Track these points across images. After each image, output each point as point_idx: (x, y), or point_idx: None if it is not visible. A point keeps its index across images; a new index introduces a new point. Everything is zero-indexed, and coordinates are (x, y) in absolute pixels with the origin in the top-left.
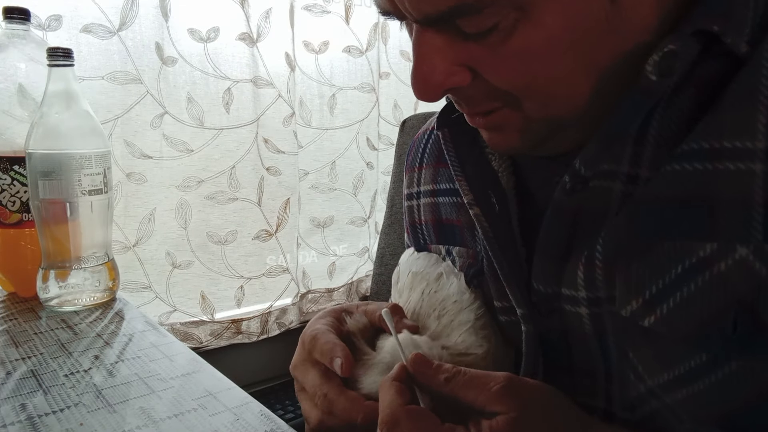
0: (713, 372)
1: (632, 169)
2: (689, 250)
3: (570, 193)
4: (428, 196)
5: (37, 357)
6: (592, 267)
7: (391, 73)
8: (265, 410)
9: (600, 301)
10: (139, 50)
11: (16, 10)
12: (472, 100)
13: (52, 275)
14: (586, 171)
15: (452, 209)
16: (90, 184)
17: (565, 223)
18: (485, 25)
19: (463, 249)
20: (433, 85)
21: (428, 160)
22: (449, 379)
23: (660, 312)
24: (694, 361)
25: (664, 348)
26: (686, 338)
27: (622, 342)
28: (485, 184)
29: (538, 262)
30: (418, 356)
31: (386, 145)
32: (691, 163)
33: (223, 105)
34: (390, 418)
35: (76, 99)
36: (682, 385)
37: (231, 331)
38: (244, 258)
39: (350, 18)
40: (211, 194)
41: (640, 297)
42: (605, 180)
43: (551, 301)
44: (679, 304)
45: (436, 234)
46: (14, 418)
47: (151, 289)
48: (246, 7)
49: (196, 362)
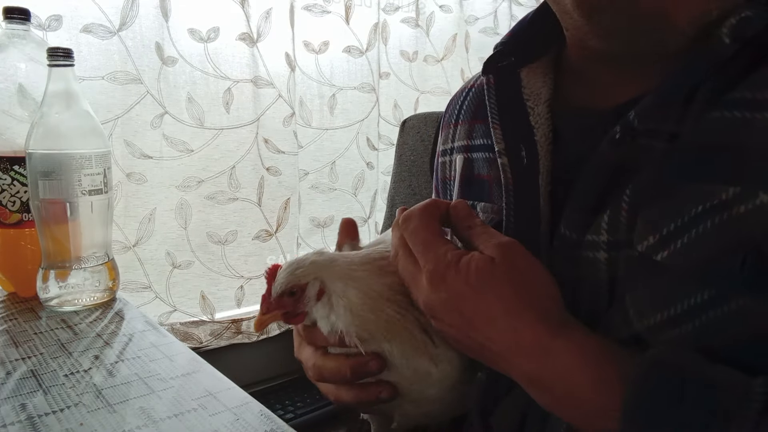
0: (711, 310)
1: (676, 128)
2: (711, 193)
3: (617, 145)
4: (461, 152)
5: (37, 357)
6: (618, 211)
7: (391, 73)
8: (265, 410)
9: (619, 244)
10: (139, 50)
11: (16, 10)
12: None
13: (52, 275)
14: (639, 124)
15: (484, 164)
16: (90, 184)
17: (605, 174)
18: None
19: (489, 204)
20: None
21: (465, 116)
22: (471, 227)
23: (674, 246)
24: (695, 299)
25: (666, 285)
26: (694, 273)
27: (624, 286)
28: (519, 137)
29: (572, 208)
30: (462, 201)
31: (386, 145)
32: (731, 111)
33: (223, 105)
34: (407, 214)
35: (76, 99)
36: (675, 325)
37: (231, 331)
38: (244, 258)
39: (350, 18)
40: (211, 194)
41: (657, 233)
42: (650, 138)
43: (573, 248)
44: (693, 239)
45: (461, 189)
46: (14, 418)
47: (151, 289)
48: (246, 7)
49: (196, 362)
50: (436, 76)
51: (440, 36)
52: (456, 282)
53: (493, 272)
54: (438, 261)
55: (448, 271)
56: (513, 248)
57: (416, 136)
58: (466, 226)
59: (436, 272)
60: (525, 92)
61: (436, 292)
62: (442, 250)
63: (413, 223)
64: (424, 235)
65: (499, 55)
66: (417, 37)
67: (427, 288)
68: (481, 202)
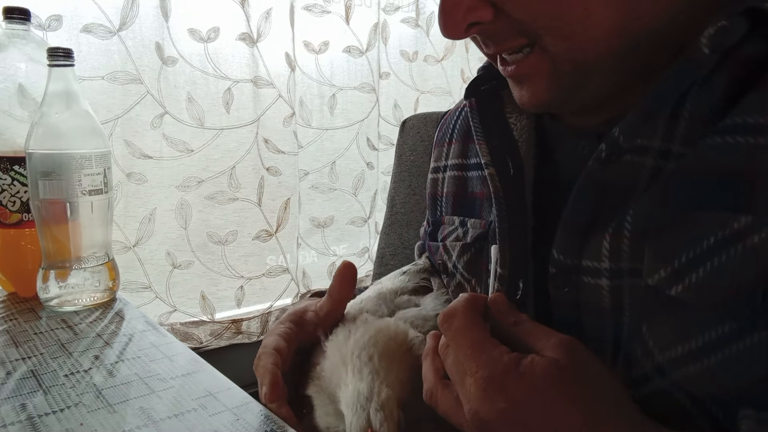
0: (734, 343)
1: (664, 144)
2: (723, 222)
3: (604, 162)
4: (455, 170)
5: (37, 357)
6: (620, 238)
7: (391, 73)
8: (265, 410)
9: (622, 272)
10: (139, 50)
11: (16, 10)
12: (497, 37)
13: (52, 275)
14: (624, 141)
15: (477, 182)
16: (90, 184)
17: (594, 194)
18: None
19: (478, 221)
20: (457, 20)
21: (458, 135)
22: (519, 323)
23: (688, 281)
24: (716, 332)
25: (685, 319)
26: (712, 308)
27: (638, 316)
28: (505, 152)
29: (563, 232)
30: (500, 294)
31: (386, 145)
32: (734, 137)
33: (223, 105)
34: (449, 312)
35: (76, 99)
36: (697, 359)
37: (231, 331)
38: (244, 258)
39: (350, 18)
40: (211, 194)
41: (668, 266)
42: (637, 155)
43: (569, 273)
44: (709, 273)
45: (454, 206)
46: (14, 418)
47: (151, 289)
48: (246, 7)
49: (196, 362)
50: (436, 76)
51: (440, 36)
52: (519, 389)
53: (561, 376)
54: (493, 365)
55: (507, 377)
56: (577, 347)
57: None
58: (511, 321)
59: (492, 378)
60: (507, 110)
61: (492, 402)
62: (496, 353)
63: (457, 322)
64: (472, 335)
65: (481, 79)
66: (417, 37)
67: (479, 396)
68: (471, 218)
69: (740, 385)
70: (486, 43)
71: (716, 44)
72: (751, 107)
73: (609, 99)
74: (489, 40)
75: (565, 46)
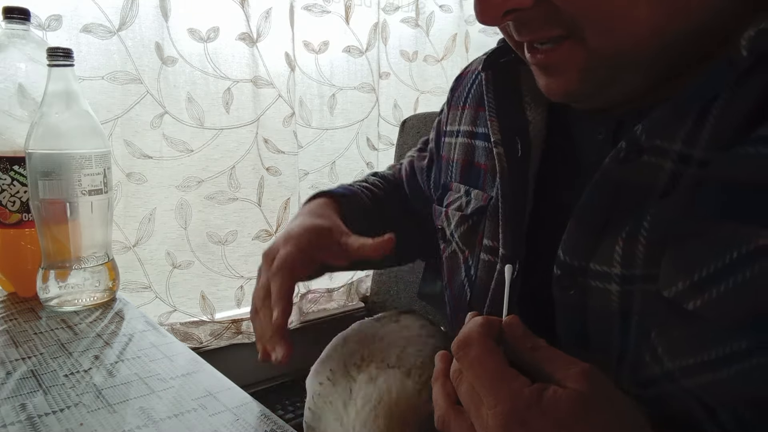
0: (748, 360)
1: (685, 149)
2: (747, 236)
3: (622, 162)
4: (465, 137)
5: (37, 357)
6: (634, 243)
7: (391, 73)
8: (265, 410)
9: (634, 278)
10: (139, 50)
11: (16, 10)
12: (532, 25)
13: (52, 275)
14: (646, 140)
15: (483, 153)
16: (90, 184)
17: (609, 194)
18: None
19: (481, 192)
20: (496, 4)
21: (471, 101)
22: (536, 348)
23: (708, 296)
24: (731, 348)
25: (699, 332)
26: (729, 323)
27: (648, 322)
28: (515, 129)
29: (571, 232)
30: (515, 317)
31: (386, 145)
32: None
33: (223, 105)
34: (464, 339)
35: (76, 99)
36: (709, 371)
37: (231, 331)
38: (244, 258)
39: (350, 18)
40: (211, 194)
41: (687, 279)
42: (656, 156)
43: (575, 275)
44: (731, 290)
45: (462, 174)
46: (14, 418)
47: (151, 289)
48: (246, 7)
49: (196, 362)
50: (436, 76)
51: (440, 36)
52: (543, 424)
53: (585, 410)
54: (515, 399)
55: (530, 411)
56: (599, 377)
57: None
58: (529, 346)
59: (514, 413)
60: (523, 89)
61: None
62: (516, 385)
63: (474, 351)
64: (490, 365)
65: (501, 51)
66: (417, 37)
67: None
68: (475, 189)
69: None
70: (519, 30)
71: (756, 47)
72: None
73: (633, 96)
74: (523, 28)
75: (604, 41)
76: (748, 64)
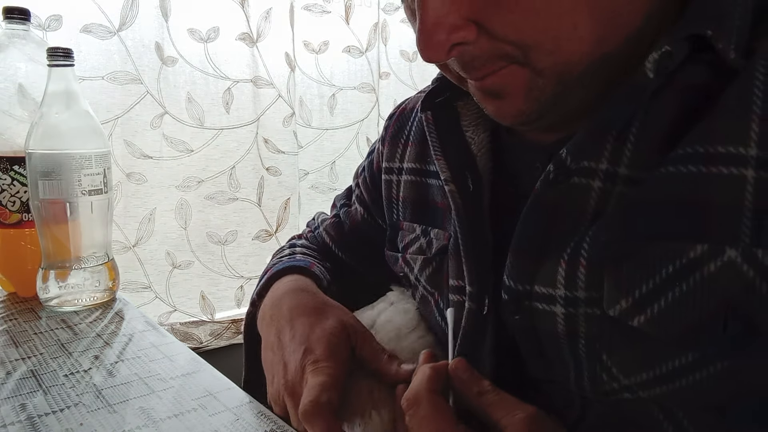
0: (698, 371)
1: (610, 167)
2: (680, 251)
3: (552, 183)
4: (413, 174)
5: (37, 357)
6: (575, 265)
7: (391, 73)
8: (265, 410)
9: (577, 301)
10: (139, 50)
11: (16, 10)
12: (477, 61)
13: (52, 275)
14: (572, 162)
15: (438, 192)
16: (90, 184)
17: (544, 217)
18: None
19: (441, 231)
20: (441, 41)
21: (414, 138)
22: (482, 393)
23: (650, 312)
24: (679, 361)
25: (647, 349)
26: (674, 338)
27: (596, 345)
28: (463, 166)
29: (513, 257)
30: (461, 361)
31: None
32: (686, 166)
33: (223, 105)
34: (413, 397)
35: (76, 99)
36: (663, 383)
37: (231, 331)
38: (244, 258)
39: (350, 18)
40: (211, 194)
41: (629, 297)
42: (585, 177)
43: (521, 300)
44: (670, 304)
45: (414, 212)
46: (14, 418)
47: (151, 289)
48: (246, 7)
49: (196, 362)
50: None
51: None
52: None
53: None
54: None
55: None
56: (542, 423)
57: None
58: (475, 392)
59: None
60: (464, 123)
61: None
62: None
63: (422, 411)
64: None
65: (436, 90)
66: None
67: None
68: (435, 229)
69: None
70: (465, 68)
71: (660, 68)
72: (701, 137)
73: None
74: (468, 65)
75: (551, 61)
76: (656, 86)
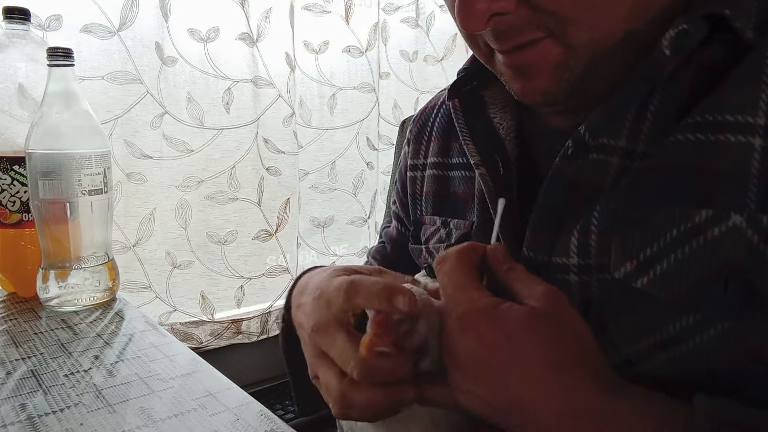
0: (699, 334)
1: (629, 145)
2: (685, 216)
3: (571, 158)
4: (436, 168)
5: (37, 357)
6: (587, 234)
7: (391, 73)
8: (265, 410)
9: (590, 268)
10: (139, 50)
11: (16, 10)
12: (514, 29)
13: (52, 275)
14: (590, 138)
15: (461, 182)
16: (90, 184)
17: (563, 191)
18: None
19: (462, 221)
20: (481, 10)
21: (437, 133)
22: (511, 269)
23: (653, 273)
24: (680, 324)
25: (650, 312)
26: (677, 299)
27: (604, 312)
28: (493, 150)
29: (532, 229)
30: (502, 245)
31: (386, 145)
32: (694, 134)
33: (223, 105)
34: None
35: (76, 99)
36: (663, 350)
37: (231, 331)
38: (244, 258)
39: (350, 18)
40: (211, 194)
41: (634, 259)
42: (603, 153)
43: (540, 271)
44: (672, 265)
45: (435, 206)
46: (14, 418)
47: (151, 289)
48: (246, 7)
49: (196, 362)
50: (436, 76)
51: (440, 36)
52: (489, 330)
53: (536, 325)
54: (470, 305)
55: (481, 317)
56: (560, 298)
57: None
58: (505, 268)
59: (466, 317)
60: (491, 110)
61: (464, 339)
62: (475, 294)
63: (448, 264)
64: (458, 276)
65: (462, 80)
66: (417, 37)
67: (453, 334)
68: (454, 219)
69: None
70: (498, 37)
71: (677, 46)
72: (712, 106)
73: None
74: (503, 34)
75: (586, 37)
76: (674, 64)
